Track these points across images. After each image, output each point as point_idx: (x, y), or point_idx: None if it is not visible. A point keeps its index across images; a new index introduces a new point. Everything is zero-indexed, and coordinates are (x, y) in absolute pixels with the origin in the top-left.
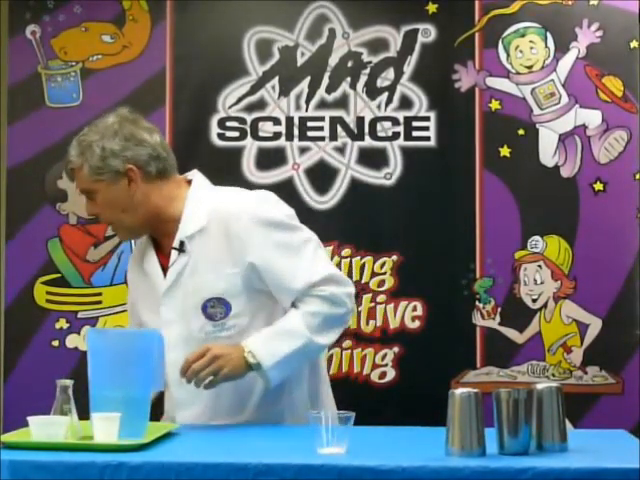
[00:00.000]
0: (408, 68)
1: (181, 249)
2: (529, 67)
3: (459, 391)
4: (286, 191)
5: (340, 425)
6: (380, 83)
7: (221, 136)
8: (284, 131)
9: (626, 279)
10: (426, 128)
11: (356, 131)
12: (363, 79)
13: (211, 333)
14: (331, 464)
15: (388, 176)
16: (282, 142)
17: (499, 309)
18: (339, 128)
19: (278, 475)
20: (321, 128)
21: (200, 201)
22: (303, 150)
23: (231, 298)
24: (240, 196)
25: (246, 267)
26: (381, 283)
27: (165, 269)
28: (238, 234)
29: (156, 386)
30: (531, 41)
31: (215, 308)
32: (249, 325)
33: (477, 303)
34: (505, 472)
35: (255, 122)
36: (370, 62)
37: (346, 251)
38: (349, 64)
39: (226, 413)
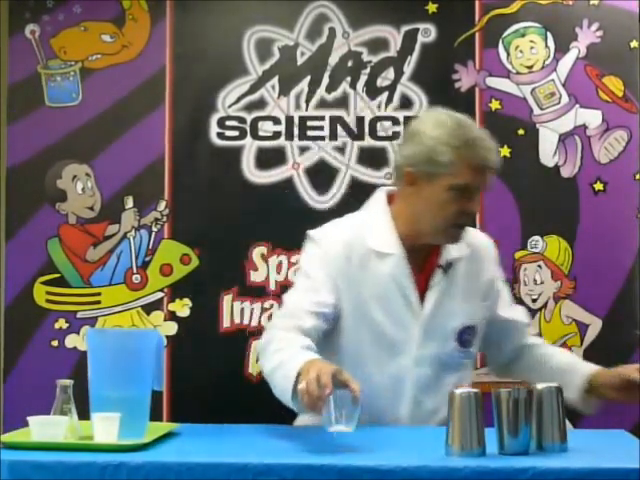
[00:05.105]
0: (408, 68)
1: (446, 270)
2: (529, 67)
3: (459, 391)
4: (286, 191)
5: (351, 405)
6: (380, 83)
7: (221, 135)
8: (284, 130)
9: (626, 279)
10: None
11: (356, 131)
12: (363, 79)
13: (456, 358)
14: (331, 464)
15: (388, 176)
16: (282, 141)
17: None
18: (339, 128)
19: (278, 475)
20: (321, 128)
21: None
22: (303, 150)
23: (479, 328)
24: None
25: (491, 301)
26: None
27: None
28: (490, 269)
29: (156, 386)
30: (531, 41)
31: (471, 335)
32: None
33: None
34: (505, 472)
35: (255, 121)
36: (370, 62)
37: None
38: (349, 64)
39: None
